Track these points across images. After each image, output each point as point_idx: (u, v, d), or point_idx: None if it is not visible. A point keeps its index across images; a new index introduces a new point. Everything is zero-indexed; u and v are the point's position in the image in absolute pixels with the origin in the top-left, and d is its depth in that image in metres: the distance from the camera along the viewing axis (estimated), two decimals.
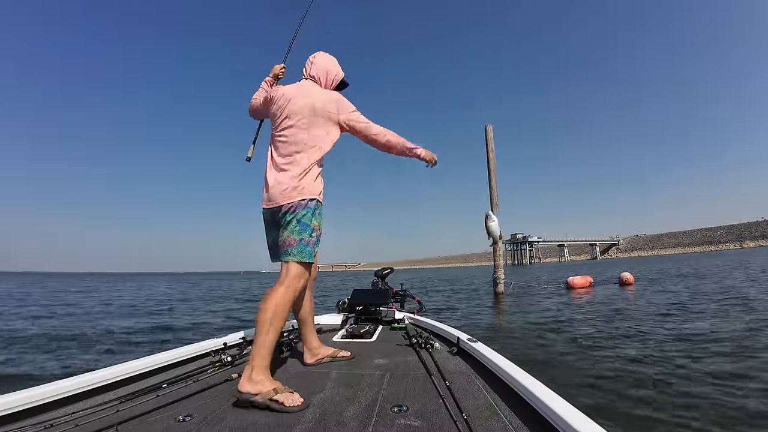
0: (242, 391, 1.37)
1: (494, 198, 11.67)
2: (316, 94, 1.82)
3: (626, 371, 3.22)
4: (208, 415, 1.30)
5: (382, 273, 3.54)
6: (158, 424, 1.24)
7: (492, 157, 11.83)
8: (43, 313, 9.52)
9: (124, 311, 9.91)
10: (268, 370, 1.46)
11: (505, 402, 1.31)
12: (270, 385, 1.39)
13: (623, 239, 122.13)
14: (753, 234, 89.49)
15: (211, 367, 1.78)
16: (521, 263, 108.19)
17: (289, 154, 1.75)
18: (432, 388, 1.48)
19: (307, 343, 1.93)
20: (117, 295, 16.99)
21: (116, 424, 1.21)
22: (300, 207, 1.68)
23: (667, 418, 2.32)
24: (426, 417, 1.23)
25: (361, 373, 1.71)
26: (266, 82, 2.11)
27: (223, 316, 8.67)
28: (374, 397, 1.42)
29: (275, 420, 1.26)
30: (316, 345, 1.94)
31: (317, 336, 2.00)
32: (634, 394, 2.70)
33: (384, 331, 2.68)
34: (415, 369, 1.75)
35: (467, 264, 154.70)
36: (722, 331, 4.58)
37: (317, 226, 1.72)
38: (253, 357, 1.46)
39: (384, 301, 3.09)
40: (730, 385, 2.75)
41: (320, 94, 1.84)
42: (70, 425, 1.19)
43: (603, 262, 63.78)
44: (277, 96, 1.86)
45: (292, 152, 1.75)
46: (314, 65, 1.95)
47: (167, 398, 1.43)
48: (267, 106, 1.94)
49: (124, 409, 1.32)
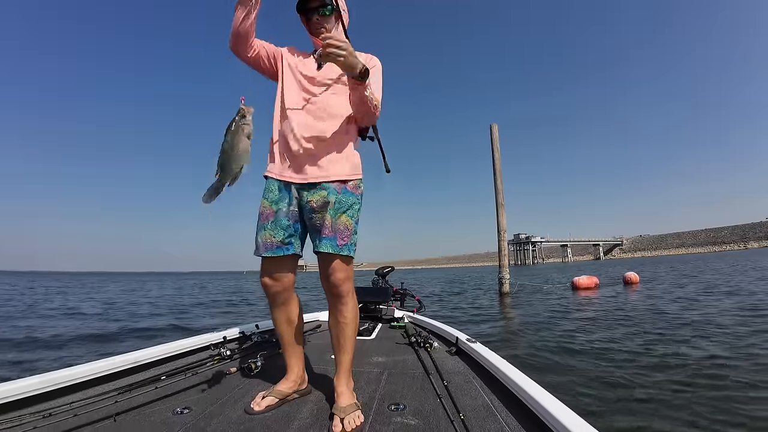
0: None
1: (500, 198, 11.64)
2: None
3: (634, 376, 3.19)
4: (206, 408, 1.30)
5: (382, 271, 3.55)
6: (156, 416, 1.25)
7: (497, 156, 11.80)
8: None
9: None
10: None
11: (503, 403, 1.31)
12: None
13: (626, 239, 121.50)
14: (757, 234, 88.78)
15: (210, 361, 1.79)
16: (524, 263, 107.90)
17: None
18: (430, 387, 1.49)
19: (294, 366, 1.47)
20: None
21: (114, 415, 1.22)
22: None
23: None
24: (423, 416, 1.23)
25: (359, 370, 1.71)
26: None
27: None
28: (372, 395, 1.43)
29: (273, 415, 1.27)
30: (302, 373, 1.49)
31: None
32: (639, 399, 2.69)
33: (383, 329, 2.68)
34: (413, 368, 1.76)
35: (471, 264, 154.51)
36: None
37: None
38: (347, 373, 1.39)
39: (384, 299, 3.10)
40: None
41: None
42: (69, 414, 1.20)
43: (606, 263, 63.49)
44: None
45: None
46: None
47: (166, 390, 1.44)
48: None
49: (123, 400, 1.33)
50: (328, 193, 1.34)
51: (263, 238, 1.36)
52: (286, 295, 1.42)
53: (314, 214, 1.33)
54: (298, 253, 1.40)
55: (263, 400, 1.32)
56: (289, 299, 1.44)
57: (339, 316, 1.38)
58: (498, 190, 11.63)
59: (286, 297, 1.42)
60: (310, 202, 1.34)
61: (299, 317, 1.48)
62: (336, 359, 1.40)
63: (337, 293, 1.36)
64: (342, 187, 1.36)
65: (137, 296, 15.18)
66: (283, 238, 1.35)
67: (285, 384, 1.41)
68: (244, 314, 9.13)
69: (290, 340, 1.45)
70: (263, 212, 1.38)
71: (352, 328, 1.39)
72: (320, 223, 1.32)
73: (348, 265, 1.36)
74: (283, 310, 1.43)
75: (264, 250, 1.35)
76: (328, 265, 1.34)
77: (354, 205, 1.38)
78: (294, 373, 1.44)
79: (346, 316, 1.38)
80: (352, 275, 1.39)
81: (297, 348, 1.47)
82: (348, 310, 1.38)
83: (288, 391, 1.39)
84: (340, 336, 1.38)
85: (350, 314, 1.38)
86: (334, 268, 1.33)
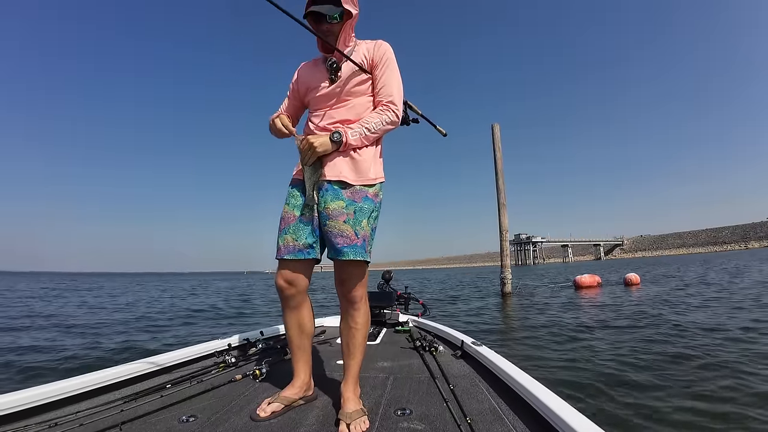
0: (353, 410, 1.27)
1: (501, 198, 11.60)
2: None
3: (643, 375, 3.18)
4: (211, 416, 1.30)
5: (388, 276, 3.54)
6: (162, 424, 1.24)
7: (499, 156, 11.76)
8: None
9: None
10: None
11: (509, 406, 1.30)
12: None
13: (627, 239, 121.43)
14: (758, 234, 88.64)
15: (215, 368, 1.78)
16: (525, 263, 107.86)
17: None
18: (436, 391, 1.48)
19: (301, 372, 1.45)
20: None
21: (120, 424, 1.21)
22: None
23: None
24: (429, 420, 1.23)
25: (364, 375, 1.70)
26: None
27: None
28: (377, 400, 1.42)
29: (279, 421, 1.26)
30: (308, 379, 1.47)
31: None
32: (649, 400, 2.68)
33: (388, 334, 2.67)
34: (418, 372, 1.75)
35: (471, 264, 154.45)
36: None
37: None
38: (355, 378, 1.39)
39: (388, 304, 3.09)
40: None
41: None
42: (75, 424, 1.20)
43: (607, 263, 63.42)
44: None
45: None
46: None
47: (171, 398, 1.43)
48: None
49: (129, 408, 1.32)
50: (345, 199, 1.33)
51: (285, 241, 1.35)
52: (300, 299, 1.41)
53: (330, 220, 1.33)
54: (317, 258, 1.39)
55: (269, 407, 1.31)
56: (302, 303, 1.43)
57: (351, 321, 1.38)
58: (500, 189, 11.60)
59: (299, 300, 1.41)
60: (327, 208, 1.33)
61: (310, 322, 1.47)
62: (344, 364, 1.39)
63: (351, 298, 1.36)
64: (361, 194, 1.36)
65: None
66: (306, 243, 1.35)
67: (291, 390, 1.40)
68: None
69: (299, 344, 1.44)
70: (285, 216, 1.39)
71: (362, 334, 1.39)
72: (336, 229, 1.32)
73: (361, 272, 1.36)
74: (295, 313, 1.42)
75: (285, 253, 1.34)
76: (343, 270, 1.34)
77: (373, 212, 1.37)
78: (300, 379, 1.43)
79: (358, 322, 1.38)
80: (365, 282, 1.39)
81: (305, 353, 1.46)
82: (360, 315, 1.38)
83: (294, 397, 1.38)
84: (350, 341, 1.38)
85: (362, 320, 1.39)
86: (349, 273, 1.34)
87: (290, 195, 1.42)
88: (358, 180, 1.35)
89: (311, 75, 1.46)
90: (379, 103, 1.40)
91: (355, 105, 1.40)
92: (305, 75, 1.48)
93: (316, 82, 1.43)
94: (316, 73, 1.44)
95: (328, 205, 1.33)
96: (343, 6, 1.34)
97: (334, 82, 1.38)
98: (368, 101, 1.41)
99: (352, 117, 1.39)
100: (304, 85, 1.48)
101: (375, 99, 1.42)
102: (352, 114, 1.39)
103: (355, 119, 1.38)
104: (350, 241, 1.30)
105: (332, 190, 1.34)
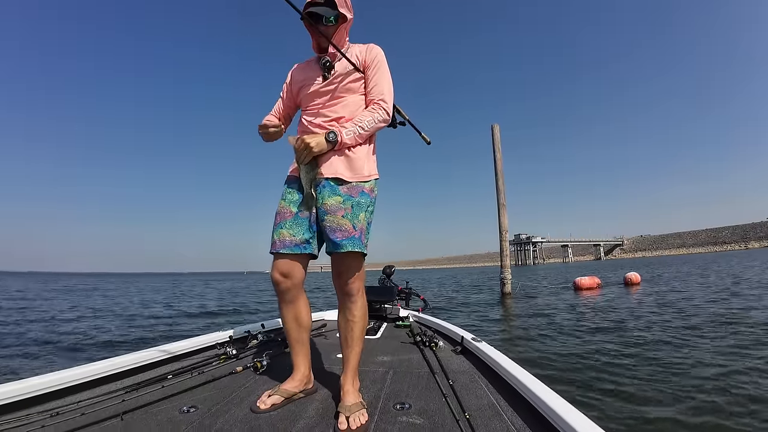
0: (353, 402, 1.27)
1: (501, 198, 11.60)
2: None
3: (640, 374, 3.19)
4: (212, 407, 1.30)
5: (389, 271, 3.54)
6: (163, 415, 1.25)
7: (499, 157, 11.75)
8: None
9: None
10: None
11: (508, 402, 1.31)
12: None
13: (627, 240, 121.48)
14: (758, 234, 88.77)
15: (216, 360, 1.79)
16: (525, 264, 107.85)
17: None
18: (435, 386, 1.48)
19: (301, 365, 1.46)
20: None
21: (122, 414, 1.22)
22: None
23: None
24: (428, 415, 1.23)
25: (364, 369, 1.71)
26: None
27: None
28: (377, 394, 1.42)
29: (279, 414, 1.26)
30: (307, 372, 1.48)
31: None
32: (647, 399, 2.68)
33: (388, 329, 2.68)
34: (418, 367, 1.75)
35: (471, 264, 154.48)
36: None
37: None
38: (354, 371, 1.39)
39: (389, 299, 3.09)
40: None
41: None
42: (76, 413, 1.20)
43: (607, 263, 63.42)
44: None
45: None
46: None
47: (172, 389, 1.44)
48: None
49: (130, 398, 1.33)
50: (343, 195, 1.36)
51: (281, 235, 1.37)
52: (296, 293, 1.42)
53: (329, 215, 1.35)
54: (314, 254, 1.41)
55: (269, 399, 1.32)
56: (298, 297, 1.43)
57: (348, 314, 1.39)
58: (500, 190, 11.60)
59: (295, 294, 1.42)
60: (325, 204, 1.35)
61: (307, 315, 1.48)
62: (343, 357, 1.40)
63: (348, 291, 1.37)
64: (357, 189, 1.38)
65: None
66: (303, 238, 1.37)
67: (291, 383, 1.40)
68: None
69: (297, 337, 1.45)
70: (281, 211, 1.41)
71: (360, 327, 1.40)
72: (334, 223, 1.33)
73: (359, 264, 1.38)
74: (291, 307, 1.43)
75: (281, 247, 1.36)
76: (341, 262, 1.36)
77: (369, 206, 1.40)
78: (300, 372, 1.44)
79: (355, 315, 1.39)
80: (363, 275, 1.40)
81: (304, 347, 1.47)
82: (357, 308, 1.39)
83: (294, 390, 1.39)
84: (348, 334, 1.39)
85: (359, 313, 1.39)
86: (347, 265, 1.35)
87: (286, 191, 1.45)
88: (353, 177, 1.38)
89: (305, 74, 1.49)
90: (371, 102, 1.45)
91: (348, 103, 1.43)
92: (299, 75, 1.52)
93: (309, 81, 1.47)
94: (309, 72, 1.48)
95: (326, 201, 1.35)
96: (339, 10, 1.41)
97: (327, 80, 1.42)
98: (361, 99, 1.46)
99: (345, 114, 1.42)
100: (297, 84, 1.51)
101: (367, 98, 1.47)
102: (346, 111, 1.43)
103: (348, 117, 1.42)
104: (348, 234, 1.32)
105: (329, 186, 1.37)
